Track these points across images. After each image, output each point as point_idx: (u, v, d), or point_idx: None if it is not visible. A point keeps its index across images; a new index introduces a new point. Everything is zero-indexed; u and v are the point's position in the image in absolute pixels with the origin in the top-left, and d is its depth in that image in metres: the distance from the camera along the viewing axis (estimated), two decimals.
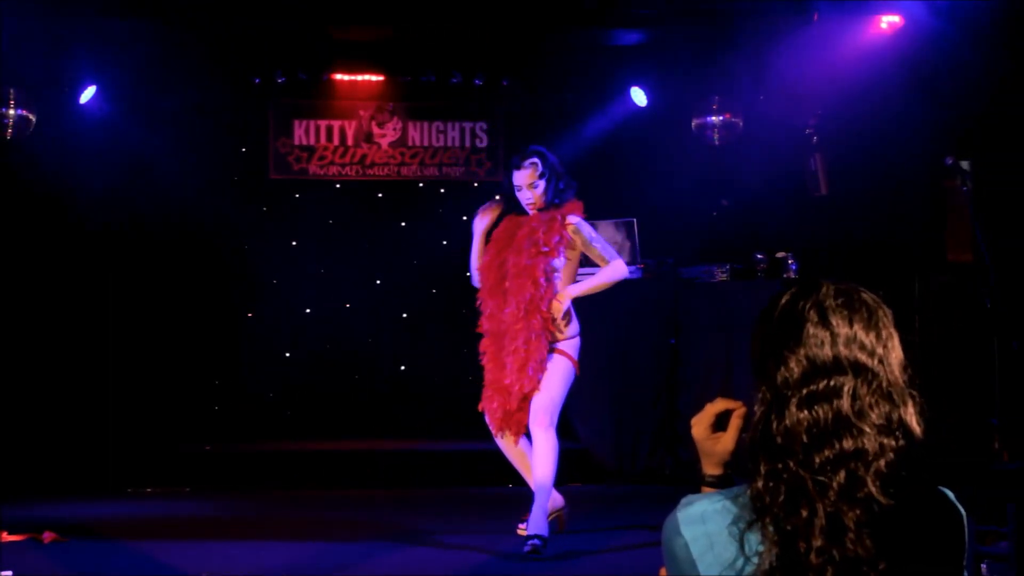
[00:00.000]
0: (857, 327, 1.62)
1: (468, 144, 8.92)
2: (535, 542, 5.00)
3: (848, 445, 1.56)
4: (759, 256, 7.32)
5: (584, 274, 5.48)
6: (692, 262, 7.55)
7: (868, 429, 1.57)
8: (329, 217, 8.98)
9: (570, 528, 5.53)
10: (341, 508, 6.46)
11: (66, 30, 7.36)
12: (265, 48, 8.16)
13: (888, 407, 1.59)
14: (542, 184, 5.27)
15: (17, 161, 7.62)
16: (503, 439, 5.33)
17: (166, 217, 8.35)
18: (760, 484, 1.58)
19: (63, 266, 8.01)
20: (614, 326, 7.32)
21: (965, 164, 5.29)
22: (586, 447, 7.49)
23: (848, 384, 1.59)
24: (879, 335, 1.63)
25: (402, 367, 9.05)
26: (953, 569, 1.59)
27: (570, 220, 5.24)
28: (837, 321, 1.62)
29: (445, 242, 8.91)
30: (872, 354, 1.61)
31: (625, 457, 7.36)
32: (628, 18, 7.62)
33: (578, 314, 5.38)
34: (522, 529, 5.21)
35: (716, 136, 8.02)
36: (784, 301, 1.67)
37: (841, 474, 1.55)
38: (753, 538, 1.56)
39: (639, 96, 8.45)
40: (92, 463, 7.19)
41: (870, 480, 1.55)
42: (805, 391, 1.59)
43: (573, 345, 5.30)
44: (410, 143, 8.88)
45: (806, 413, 1.58)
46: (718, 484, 1.75)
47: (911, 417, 1.60)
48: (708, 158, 8.15)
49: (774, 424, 1.59)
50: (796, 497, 1.55)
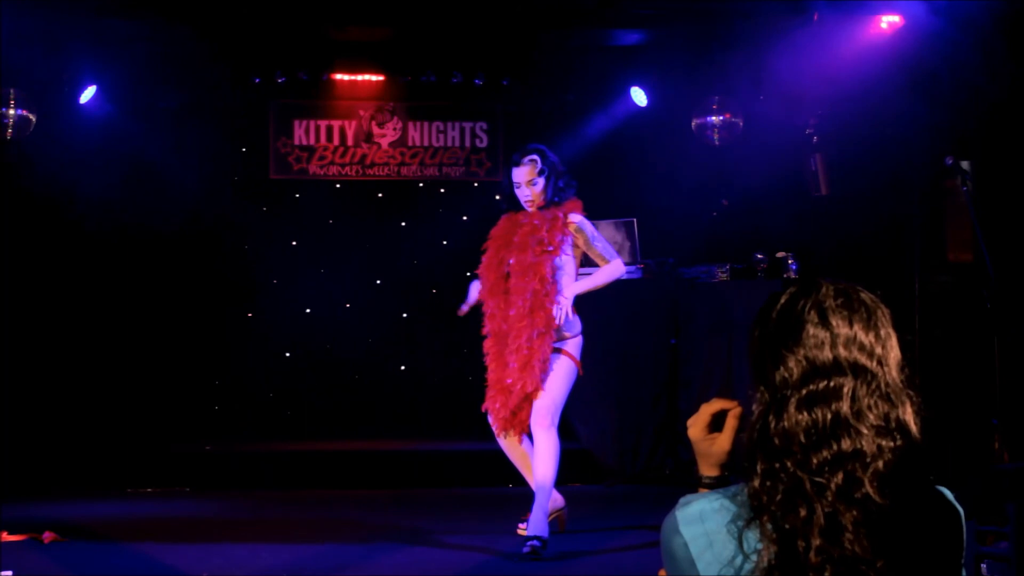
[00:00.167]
0: (857, 327, 1.62)
1: (468, 144, 8.92)
2: (534, 543, 4.99)
3: (846, 446, 1.56)
4: (759, 256, 7.32)
5: (583, 273, 5.46)
6: (692, 262, 7.54)
7: (866, 430, 1.57)
8: (329, 217, 8.98)
9: (570, 528, 5.53)
10: (341, 508, 6.46)
11: (66, 30, 7.35)
12: (265, 48, 8.16)
13: (886, 408, 1.59)
14: (541, 181, 5.25)
15: (17, 161, 7.62)
16: (505, 439, 5.32)
17: (166, 217, 8.35)
18: (757, 483, 1.58)
19: (63, 266, 8.02)
20: (614, 326, 7.31)
21: (965, 164, 5.28)
22: (587, 447, 7.48)
23: (848, 385, 1.58)
24: (878, 335, 1.62)
25: (402, 367, 9.05)
26: (951, 568, 1.59)
27: (572, 219, 5.23)
28: (837, 321, 1.62)
29: (445, 242, 8.92)
30: (871, 355, 1.61)
31: (625, 457, 7.36)
32: (628, 18, 7.61)
33: (579, 314, 5.37)
34: (522, 529, 5.21)
35: (716, 136, 8.01)
36: (783, 301, 1.67)
37: (839, 475, 1.55)
38: (752, 536, 1.56)
39: (639, 96, 8.45)
40: (92, 463, 7.19)
41: (868, 481, 1.54)
42: (804, 392, 1.59)
43: (575, 344, 5.29)
44: (410, 143, 8.88)
45: (805, 415, 1.58)
46: (714, 485, 1.75)
47: (909, 417, 1.60)
48: (708, 158, 8.15)
49: (772, 425, 1.59)
50: (794, 497, 1.55)
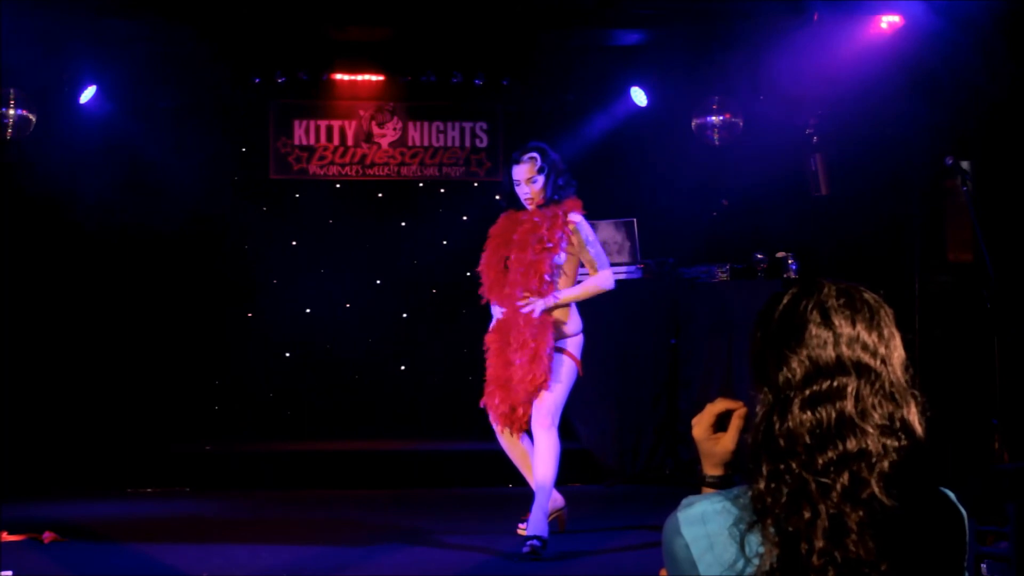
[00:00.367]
0: (860, 327, 1.61)
1: (468, 144, 8.92)
2: (534, 543, 4.99)
3: (851, 446, 1.55)
4: (759, 256, 7.32)
5: (582, 274, 5.46)
6: (692, 262, 7.54)
7: (871, 430, 1.56)
8: (329, 217, 8.98)
9: (570, 528, 5.53)
10: (341, 508, 6.45)
11: (66, 30, 7.35)
12: (265, 48, 8.16)
13: (891, 407, 1.59)
14: (541, 179, 5.24)
15: (17, 161, 7.61)
16: (505, 438, 5.31)
17: (166, 217, 8.34)
18: (762, 485, 1.57)
19: (63, 266, 8.02)
20: (615, 326, 7.31)
21: (965, 164, 5.28)
22: (587, 447, 7.48)
23: (852, 385, 1.58)
24: (881, 335, 1.62)
25: (402, 367, 9.05)
26: (954, 571, 1.59)
27: (571, 218, 5.22)
28: (839, 321, 1.61)
29: (445, 242, 8.91)
30: (875, 354, 1.60)
31: (625, 457, 7.36)
32: (628, 18, 7.61)
33: (579, 314, 5.36)
34: (522, 529, 5.21)
35: (716, 136, 8.01)
36: (785, 302, 1.66)
37: (844, 475, 1.54)
38: (753, 539, 1.56)
39: (639, 96, 8.45)
40: (92, 463, 7.19)
41: (874, 481, 1.54)
42: (808, 392, 1.58)
43: (576, 343, 5.28)
44: (410, 143, 8.88)
45: (809, 414, 1.57)
46: (718, 485, 1.75)
47: (913, 417, 1.60)
48: (708, 158, 8.15)
49: (776, 425, 1.59)
50: (798, 498, 1.54)
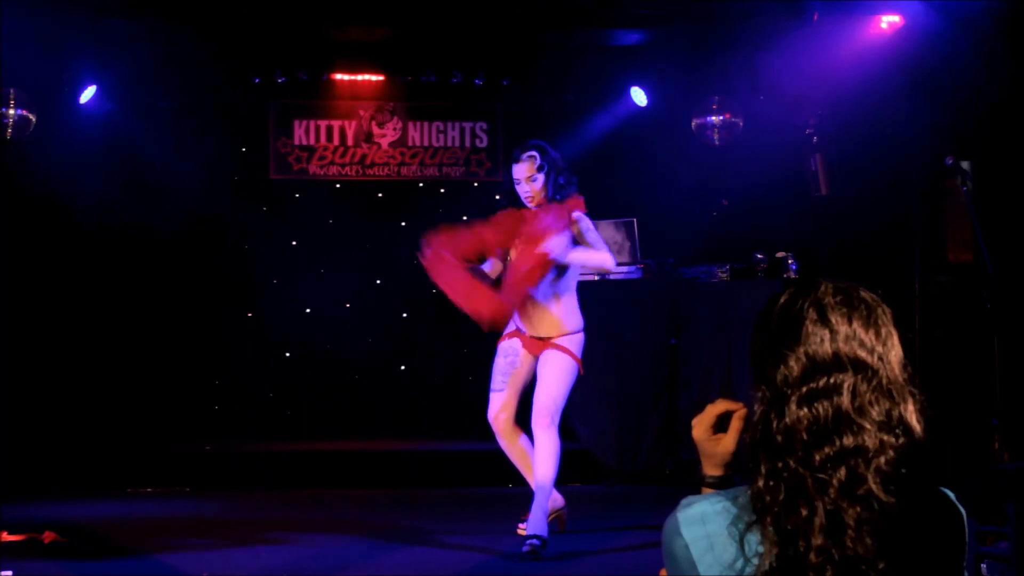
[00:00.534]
0: (856, 325, 1.62)
1: (468, 144, 8.92)
2: (534, 542, 4.98)
3: (848, 442, 1.55)
4: (759, 256, 7.32)
5: (583, 275, 5.45)
6: (692, 262, 7.54)
7: (868, 426, 1.57)
8: (329, 217, 8.98)
9: (570, 528, 5.53)
10: (341, 508, 6.45)
11: (66, 30, 7.36)
12: (265, 48, 8.16)
13: (888, 404, 1.59)
14: (541, 178, 5.19)
15: (17, 161, 7.61)
16: (505, 438, 5.29)
17: (166, 217, 8.34)
18: (760, 484, 1.57)
19: (63, 266, 8.01)
20: (615, 326, 7.31)
21: (965, 164, 5.28)
22: (586, 447, 7.48)
23: (848, 381, 1.58)
24: (878, 333, 1.62)
25: (402, 367, 9.05)
26: (953, 571, 1.59)
27: (574, 215, 5.21)
28: (836, 319, 1.62)
29: None
30: (872, 351, 1.60)
31: (625, 457, 7.35)
32: (628, 18, 7.61)
33: (580, 313, 5.36)
34: (522, 529, 5.20)
35: (716, 136, 8.01)
36: (783, 300, 1.67)
37: (841, 471, 1.54)
38: (753, 539, 1.56)
39: (639, 96, 8.45)
40: (92, 463, 7.19)
41: (871, 477, 1.54)
42: (805, 389, 1.59)
43: (577, 341, 5.25)
44: (410, 143, 8.88)
45: (806, 411, 1.57)
46: (719, 485, 1.75)
47: (911, 415, 1.60)
48: (708, 158, 8.15)
49: (774, 423, 1.59)
50: (796, 495, 1.54)
